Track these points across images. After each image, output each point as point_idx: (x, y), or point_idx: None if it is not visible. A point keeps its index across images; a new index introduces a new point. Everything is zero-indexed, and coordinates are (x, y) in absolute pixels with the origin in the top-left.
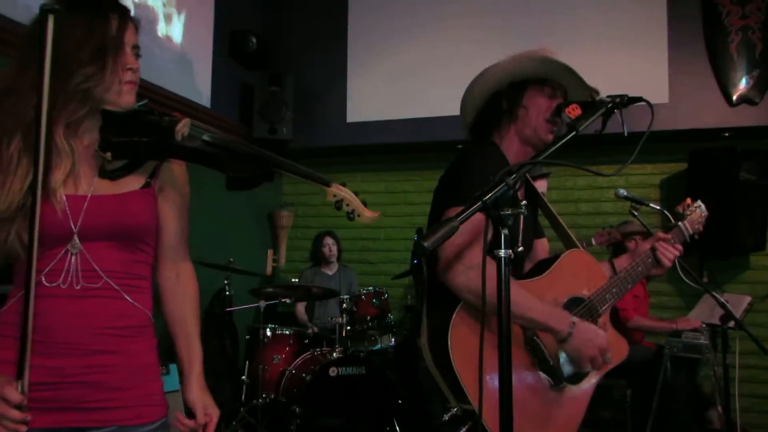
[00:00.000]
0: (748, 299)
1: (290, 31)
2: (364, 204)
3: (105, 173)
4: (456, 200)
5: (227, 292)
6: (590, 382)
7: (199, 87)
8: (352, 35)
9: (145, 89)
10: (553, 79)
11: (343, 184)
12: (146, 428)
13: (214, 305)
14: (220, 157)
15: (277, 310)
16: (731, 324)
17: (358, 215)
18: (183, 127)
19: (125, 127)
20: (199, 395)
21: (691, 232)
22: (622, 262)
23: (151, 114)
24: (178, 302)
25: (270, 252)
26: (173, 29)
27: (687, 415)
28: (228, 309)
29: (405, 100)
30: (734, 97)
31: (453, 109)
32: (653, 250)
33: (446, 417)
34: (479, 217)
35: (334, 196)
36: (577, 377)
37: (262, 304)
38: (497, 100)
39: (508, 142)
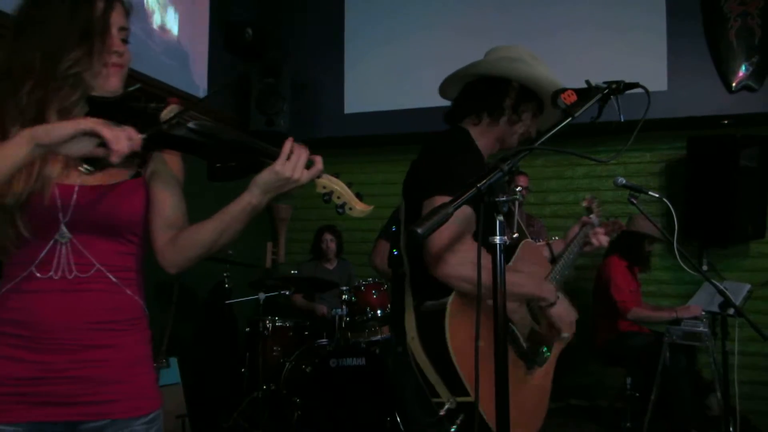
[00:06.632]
0: (747, 287)
1: (286, 22)
2: (359, 197)
3: (90, 161)
4: (442, 187)
5: (226, 285)
6: (551, 362)
7: (195, 79)
8: (349, 25)
9: (141, 82)
10: (543, 98)
11: (336, 175)
12: (139, 421)
13: (213, 298)
14: (206, 146)
15: (277, 302)
16: (731, 311)
17: (350, 209)
18: (167, 114)
19: (110, 114)
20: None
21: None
22: (558, 245)
23: (137, 100)
24: (189, 229)
25: (269, 245)
26: (169, 21)
27: (687, 402)
28: (228, 301)
29: (403, 90)
30: (733, 84)
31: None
32: (585, 233)
33: (442, 412)
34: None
35: (324, 187)
36: (542, 359)
37: (262, 296)
38: (498, 91)
39: (485, 134)
